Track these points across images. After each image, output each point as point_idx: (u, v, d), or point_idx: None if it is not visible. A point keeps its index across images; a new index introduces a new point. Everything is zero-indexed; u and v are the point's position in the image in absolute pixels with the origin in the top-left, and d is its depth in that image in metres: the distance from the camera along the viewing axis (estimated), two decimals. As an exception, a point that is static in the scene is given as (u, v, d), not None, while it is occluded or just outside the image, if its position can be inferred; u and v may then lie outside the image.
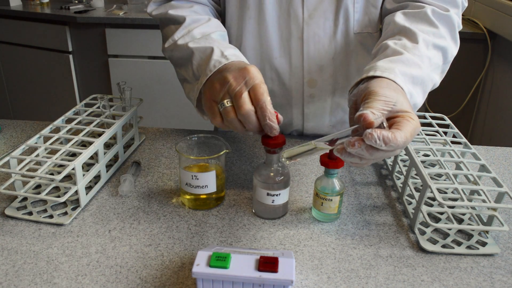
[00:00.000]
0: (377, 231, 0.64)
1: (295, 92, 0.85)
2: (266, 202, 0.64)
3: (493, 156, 0.88)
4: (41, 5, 2.33)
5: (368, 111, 0.50)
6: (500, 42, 1.92)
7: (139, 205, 0.69)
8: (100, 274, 0.55)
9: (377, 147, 0.48)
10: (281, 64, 0.83)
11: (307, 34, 0.80)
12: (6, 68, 2.47)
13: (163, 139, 0.90)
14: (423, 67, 0.64)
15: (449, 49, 0.71)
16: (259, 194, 0.64)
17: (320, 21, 0.79)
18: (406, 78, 0.60)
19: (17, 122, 0.95)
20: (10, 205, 0.67)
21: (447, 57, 0.71)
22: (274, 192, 0.63)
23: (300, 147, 0.55)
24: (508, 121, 1.84)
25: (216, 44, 0.68)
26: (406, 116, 0.51)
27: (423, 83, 0.64)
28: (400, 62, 0.62)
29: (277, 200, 0.64)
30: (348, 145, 0.49)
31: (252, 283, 0.47)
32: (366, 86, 0.57)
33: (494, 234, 0.64)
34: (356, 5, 0.78)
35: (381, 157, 0.51)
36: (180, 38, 0.73)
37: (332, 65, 0.82)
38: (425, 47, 0.67)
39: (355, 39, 0.81)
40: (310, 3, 0.78)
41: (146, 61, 2.20)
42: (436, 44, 0.69)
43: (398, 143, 0.48)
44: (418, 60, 0.64)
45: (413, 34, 0.68)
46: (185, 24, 0.74)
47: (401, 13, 0.73)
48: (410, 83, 0.61)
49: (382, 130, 0.48)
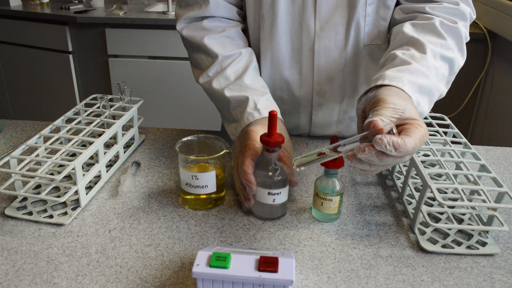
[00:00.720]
0: (377, 231, 0.64)
1: (304, 101, 0.86)
2: (267, 202, 0.64)
3: (493, 156, 0.88)
4: (41, 5, 2.33)
5: (377, 118, 0.51)
6: (500, 42, 1.92)
7: (139, 205, 0.69)
8: (100, 274, 0.55)
9: (387, 153, 0.49)
10: (291, 74, 0.84)
11: (318, 46, 0.80)
12: (6, 68, 2.47)
13: (163, 139, 0.90)
14: (430, 77, 0.65)
15: (456, 60, 0.71)
16: (259, 194, 0.64)
17: (332, 34, 0.79)
18: (413, 87, 0.61)
19: (17, 122, 0.95)
20: (10, 205, 0.67)
21: (453, 68, 0.71)
22: (275, 191, 0.63)
23: (310, 155, 0.56)
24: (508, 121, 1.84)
25: (250, 92, 0.74)
26: (415, 124, 0.52)
27: (429, 93, 0.65)
28: (408, 72, 0.63)
29: (278, 199, 0.64)
30: (358, 151, 0.50)
31: (252, 283, 0.47)
32: (375, 94, 0.57)
33: (494, 234, 0.64)
34: (367, 18, 0.78)
35: (390, 164, 0.51)
36: (214, 78, 0.77)
37: (341, 76, 0.83)
38: (432, 57, 0.67)
39: (364, 50, 0.81)
40: (322, 16, 0.78)
41: (146, 61, 2.20)
42: (443, 55, 0.69)
43: (408, 148, 0.49)
44: (426, 70, 0.65)
45: (421, 45, 0.68)
46: (218, 61, 0.77)
47: (409, 24, 0.73)
48: (418, 92, 0.62)
49: (392, 136, 0.48)
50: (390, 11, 0.79)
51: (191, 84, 2.22)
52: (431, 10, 0.74)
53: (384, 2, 0.78)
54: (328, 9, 0.78)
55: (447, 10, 0.74)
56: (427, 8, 0.74)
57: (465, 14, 0.75)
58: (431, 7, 0.74)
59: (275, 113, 0.59)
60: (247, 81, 0.76)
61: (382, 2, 0.78)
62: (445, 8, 0.74)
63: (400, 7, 0.79)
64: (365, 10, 0.77)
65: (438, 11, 0.74)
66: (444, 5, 0.74)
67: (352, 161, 0.52)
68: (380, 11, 0.79)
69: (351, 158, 0.51)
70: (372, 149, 0.49)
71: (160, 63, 2.19)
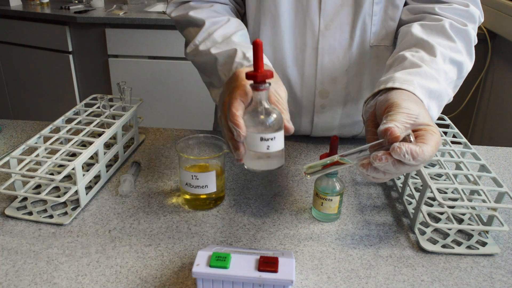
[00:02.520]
0: (377, 231, 0.64)
1: (306, 102, 0.84)
2: (261, 149, 0.54)
3: (493, 156, 0.88)
4: (41, 5, 2.33)
5: (392, 124, 0.49)
6: (500, 42, 1.92)
7: (139, 205, 0.69)
8: (100, 274, 0.55)
9: (405, 162, 0.47)
10: (294, 73, 0.82)
11: (322, 45, 0.78)
12: (6, 68, 2.47)
13: (163, 139, 0.90)
14: (440, 82, 0.63)
15: (465, 64, 0.70)
16: (251, 141, 0.54)
17: (337, 33, 0.77)
18: (424, 91, 0.59)
19: (17, 122, 0.95)
20: (10, 205, 0.67)
21: (461, 72, 0.70)
22: (268, 136, 0.53)
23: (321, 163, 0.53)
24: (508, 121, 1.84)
25: (238, 46, 0.68)
26: (429, 130, 0.50)
27: (439, 97, 0.63)
28: (418, 75, 0.61)
29: (273, 145, 0.54)
30: (375, 159, 0.48)
31: (252, 283, 0.47)
32: (386, 98, 0.55)
33: (494, 234, 0.64)
34: (374, 17, 0.76)
35: (405, 171, 0.50)
36: (201, 43, 0.73)
37: (345, 77, 0.81)
38: (442, 61, 0.66)
39: (370, 51, 0.80)
40: (327, 14, 0.76)
41: (146, 61, 2.20)
42: (452, 58, 0.67)
43: (425, 157, 0.48)
44: (436, 74, 0.63)
45: (431, 47, 0.66)
46: (205, 27, 0.74)
47: (418, 25, 0.72)
48: (428, 97, 0.60)
49: (410, 144, 0.47)
50: (399, 11, 0.77)
51: (191, 84, 2.22)
52: (441, 11, 0.72)
53: (393, 1, 0.76)
54: (334, 7, 0.76)
55: (456, 11, 0.72)
56: (437, 9, 0.73)
57: (475, 16, 0.73)
58: (441, 7, 0.73)
59: (260, 42, 0.51)
60: (236, 39, 0.71)
61: (391, 1, 0.76)
62: (455, 9, 0.73)
63: (408, 7, 0.77)
64: (372, 9, 0.76)
65: (447, 12, 0.72)
66: (454, 6, 0.73)
67: (368, 170, 0.50)
68: (389, 11, 0.77)
69: (367, 167, 0.49)
70: (390, 158, 0.47)
71: (160, 63, 2.19)
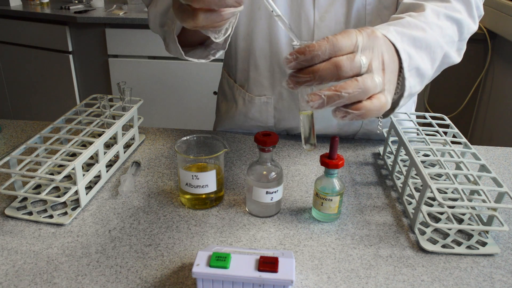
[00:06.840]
0: (377, 231, 0.64)
1: None
2: (265, 200, 0.64)
3: (493, 156, 0.88)
4: (41, 5, 2.33)
5: None
6: (500, 42, 1.92)
7: (139, 205, 0.69)
8: (100, 274, 0.55)
9: (321, 55, 0.45)
10: None
11: (318, 37, 0.78)
12: (6, 68, 2.47)
13: (163, 139, 0.90)
14: (428, 31, 0.58)
15: (465, 23, 0.64)
16: (256, 193, 0.64)
17: (332, 24, 0.77)
18: (403, 37, 0.54)
19: (17, 122, 0.95)
20: (10, 205, 0.67)
21: (463, 32, 0.65)
22: (272, 189, 0.64)
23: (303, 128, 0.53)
24: (508, 121, 1.84)
25: None
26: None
27: (429, 48, 0.57)
28: (399, 25, 0.56)
29: (275, 197, 0.65)
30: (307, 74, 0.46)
31: (252, 283, 0.47)
32: None
33: (494, 234, 0.64)
34: (368, 7, 0.76)
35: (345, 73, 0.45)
36: None
37: None
38: (434, 16, 0.61)
39: None
40: (322, 5, 0.77)
41: (146, 61, 2.20)
42: (449, 15, 0.63)
43: (336, 42, 0.45)
44: (423, 25, 0.58)
45: (419, 6, 0.63)
46: None
47: None
48: (410, 45, 0.55)
49: None
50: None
51: (191, 84, 2.23)
52: None
53: None
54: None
55: None
56: None
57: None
58: None
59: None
60: None
61: None
62: None
63: None
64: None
65: None
66: None
67: (315, 96, 0.46)
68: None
69: (314, 97, 0.46)
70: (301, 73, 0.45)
71: (160, 63, 2.19)
